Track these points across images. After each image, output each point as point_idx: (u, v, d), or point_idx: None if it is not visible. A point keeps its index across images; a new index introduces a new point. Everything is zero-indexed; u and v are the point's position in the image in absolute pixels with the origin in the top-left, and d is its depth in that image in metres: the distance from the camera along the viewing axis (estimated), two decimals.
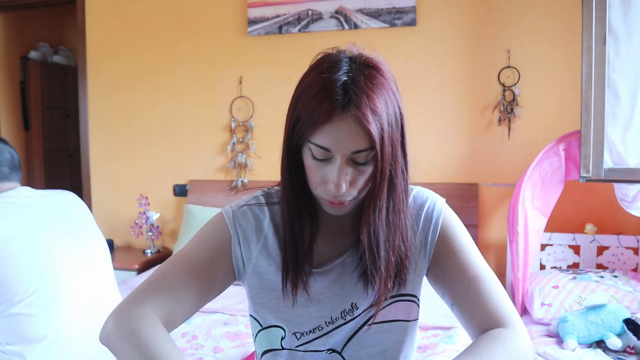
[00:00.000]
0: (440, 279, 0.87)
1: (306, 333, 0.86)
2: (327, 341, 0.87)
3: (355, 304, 0.86)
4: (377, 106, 0.73)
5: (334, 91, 0.72)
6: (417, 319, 0.92)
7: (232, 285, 0.89)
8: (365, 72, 0.74)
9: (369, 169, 0.76)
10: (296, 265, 0.84)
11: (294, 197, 0.82)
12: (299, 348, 0.87)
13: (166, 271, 0.83)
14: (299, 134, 0.76)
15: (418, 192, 0.91)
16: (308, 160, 0.78)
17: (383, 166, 0.75)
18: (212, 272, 0.84)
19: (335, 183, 0.74)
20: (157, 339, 0.73)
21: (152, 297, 0.79)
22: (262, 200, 0.90)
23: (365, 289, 0.85)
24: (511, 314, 0.81)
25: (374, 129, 0.72)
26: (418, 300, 0.90)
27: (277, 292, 0.86)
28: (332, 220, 0.87)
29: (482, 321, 0.80)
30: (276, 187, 0.91)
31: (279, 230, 0.88)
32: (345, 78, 0.73)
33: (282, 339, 0.87)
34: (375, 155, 0.74)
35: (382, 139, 0.73)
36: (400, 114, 0.78)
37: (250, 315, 0.92)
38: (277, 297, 0.87)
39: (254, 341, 0.92)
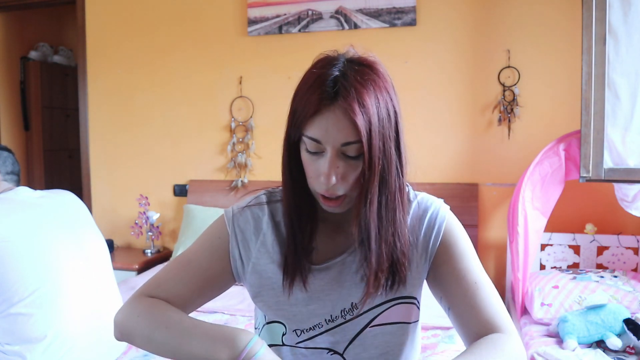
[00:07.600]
0: (438, 283, 0.88)
1: (306, 330, 0.87)
2: (327, 338, 0.87)
3: (356, 304, 0.87)
4: (366, 100, 0.74)
5: (325, 84, 0.76)
6: (418, 321, 0.92)
7: (232, 285, 0.91)
8: (357, 68, 0.77)
9: (360, 164, 0.77)
10: (295, 260, 0.85)
11: (294, 193, 0.84)
12: (299, 345, 0.88)
13: (166, 270, 0.89)
14: (295, 127, 0.79)
15: (422, 198, 0.91)
16: (304, 155, 0.80)
17: (372, 160, 0.76)
18: (209, 271, 0.88)
19: (326, 174, 0.76)
20: (175, 312, 0.82)
21: (150, 291, 0.87)
22: (264, 199, 0.92)
23: None
24: (507, 322, 0.82)
25: (360, 120, 0.74)
26: (418, 302, 0.91)
27: (277, 289, 0.87)
28: (333, 220, 0.89)
29: (478, 327, 0.81)
30: (280, 187, 0.92)
31: (278, 227, 0.89)
32: (337, 73, 0.76)
33: (283, 335, 0.89)
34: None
35: (369, 131, 0.75)
36: (395, 112, 0.79)
37: (256, 310, 0.95)
38: (277, 295, 0.88)
39: (258, 335, 0.93)
